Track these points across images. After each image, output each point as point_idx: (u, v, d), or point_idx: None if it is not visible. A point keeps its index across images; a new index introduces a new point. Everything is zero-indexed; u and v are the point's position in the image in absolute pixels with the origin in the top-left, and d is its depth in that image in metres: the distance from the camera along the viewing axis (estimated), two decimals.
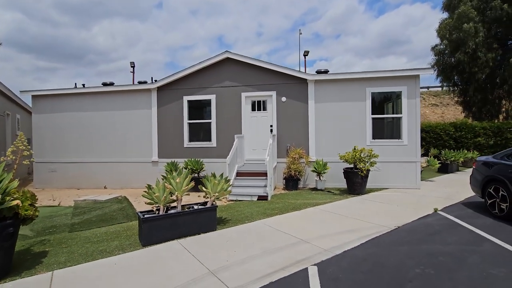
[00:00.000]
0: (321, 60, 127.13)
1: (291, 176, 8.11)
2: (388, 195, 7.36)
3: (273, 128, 8.89)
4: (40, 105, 10.31)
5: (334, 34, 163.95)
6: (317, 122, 8.64)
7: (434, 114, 31.91)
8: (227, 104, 9.19)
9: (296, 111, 8.78)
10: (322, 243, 4.04)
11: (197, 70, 9.29)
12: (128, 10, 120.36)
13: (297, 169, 8.07)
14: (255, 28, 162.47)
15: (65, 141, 10.16)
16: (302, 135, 8.74)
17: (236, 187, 7.38)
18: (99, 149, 9.95)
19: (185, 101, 9.41)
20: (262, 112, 9.11)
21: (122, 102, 9.81)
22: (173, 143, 9.50)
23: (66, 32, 78.59)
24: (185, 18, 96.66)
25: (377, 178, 8.24)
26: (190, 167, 8.54)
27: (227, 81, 9.19)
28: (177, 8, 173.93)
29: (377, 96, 8.43)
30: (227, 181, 5.11)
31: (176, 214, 4.43)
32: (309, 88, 8.66)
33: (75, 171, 10.08)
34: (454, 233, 4.40)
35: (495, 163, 5.33)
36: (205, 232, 4.64)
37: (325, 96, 8.61)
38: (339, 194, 7.53)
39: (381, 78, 8.29)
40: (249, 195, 7.04)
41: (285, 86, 8.85)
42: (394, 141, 8.26)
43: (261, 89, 8.97)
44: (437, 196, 7.04)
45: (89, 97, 10.00)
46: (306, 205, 6.31)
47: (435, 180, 9.69)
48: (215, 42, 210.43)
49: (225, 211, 6.02)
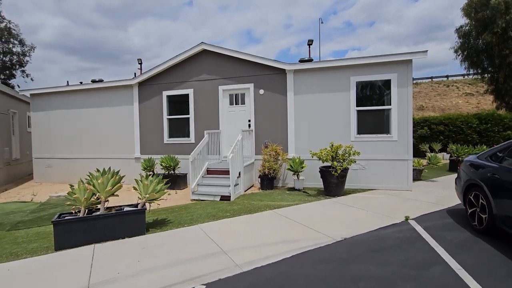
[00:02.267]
0: (354, 50, 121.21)
1: (265, 174, 7.55)
2: (368, 198, 6.52)
3: (251, 123, 8.35)
4: (37, 103, 10.74)
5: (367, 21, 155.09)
6: (297, 116, 7.93)
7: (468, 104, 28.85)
8: (204, 98, 8.81)
9: (274, 104, 8.14)
10: (239, 256, 3.54)
11: (175, 63, 8.99)
12: (161, 10, 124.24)
13: (271, 167, 7.48)
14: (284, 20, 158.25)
15: (58, 137, 10.50)
16: (280, 130, 8.10)
17: (202, 186, 7.02)
18: (87, 146, 10.15)
19: (165, 96, 9.19)
20: (240, 106, 8.59)
21: (107, 98, 9.85)
22: (154, 139, 9.37)
23: (105, 34, 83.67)
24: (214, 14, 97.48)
25: (363, 177, 7.38)
26: (165, 164, 8.33)
27: (205, 74, 8.78)
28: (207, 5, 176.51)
29: (363, 86, 7.48)
30: (159, 182, 4.75)
31: (95, 217, 4.17)
32: (288, 79, 7.95)
33: (68, 167, 10.40)
34: (407, 250, 3.63)
35: (477, 165, 4.35)
36: (132, 236, 4.34)
37: (305, 87, 7.85)
38: (314, 195, 6.85)
39: (367, 65, 7.33)
40: (213, 194, 6.63)
41: (263, 77, 8.23)
42: (382, 136, 7.31)
43: (239, 82, 8.44)
44: (425, 201, 6.08)
45: (77, 94, 10.19)
46: (266, 208, 5.77)
47: (437, 181, 8.50)
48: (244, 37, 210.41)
49: (175, 212, 5.70)
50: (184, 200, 6.83)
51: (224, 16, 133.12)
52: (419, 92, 30.65)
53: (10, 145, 11.49)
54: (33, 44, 30.30)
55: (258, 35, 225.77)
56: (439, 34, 72.07)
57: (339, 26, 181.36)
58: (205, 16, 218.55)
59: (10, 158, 11.42)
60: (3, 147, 10.84)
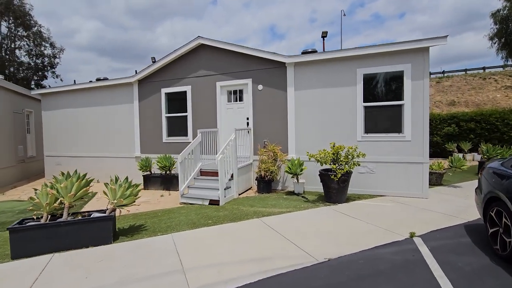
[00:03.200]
0: None
1: (262, 177, 6.98)
2: (374, 206, 5.73)
3: (250, 121, 7.80)
4: (46, 102, 10.98)
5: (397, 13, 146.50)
6: (298, 113, 7.26)
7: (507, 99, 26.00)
8: (202, 95, 8.39)
9: (274, 100, 7.52)
10: (197, 278, 3.04)
11: (173, 59, 8.66)
12: (186, 9, 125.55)
13: (268, 168, 6.90)
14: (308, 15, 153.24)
15: (65, 136, 10.66)
16: (280, 129, 7.47)
17: (193, 188, 6.62)
18: (92, 144, 10.18)
19: (163, 94, 8.91)
20: (238, 103, 8.07)
21: (109, 97, 9.78)
22: (153, 138, 9.14)
23: (134, 35, 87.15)
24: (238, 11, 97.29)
25: (371, 182, 6.58)
26: (160, 164, 8.05)
27: (202, 70, 8.35)
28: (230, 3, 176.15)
29: (372, 79, 6.63)
30: (130, 187, 4.37)
31: (56, 224, 3.87)
32: (288, 73, 7.29)
33: (74, 165, 10.50)
34: (401, 279, 2.92)
35: (502, 174, 3.47)
36: (97, 245, 4.01)
37: (307, 81, 7.14)
38: (312, 201, 6.18)
39: (376, 55, 6.47)
40: (202, 198, 6.20)
41: (261, 72, 7.63)
42: (394, 135, 6.43)
43: (237, 77, 7.91)
44: (441, 211, 5.20)
45: (82, 93, 10.24)
46: (254, 215, 5.22)
47: (461, 186, 7.43)
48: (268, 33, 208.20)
49: (156, 218, 5.33)
50: (173, 203, 6.47)
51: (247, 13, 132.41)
52: (451, 86, 28.22)
53: (24, 143, 11.92)
54: (62, 46, 31.85)
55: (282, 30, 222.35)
56: (478, 23, 66.17)
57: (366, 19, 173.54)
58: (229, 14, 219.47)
59: (25, 156, 11.84)
60: (17, 145, 11.23)
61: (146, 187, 8.29)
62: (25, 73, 31.90)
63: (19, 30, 30.24)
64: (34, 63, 31.84)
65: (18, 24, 29.68)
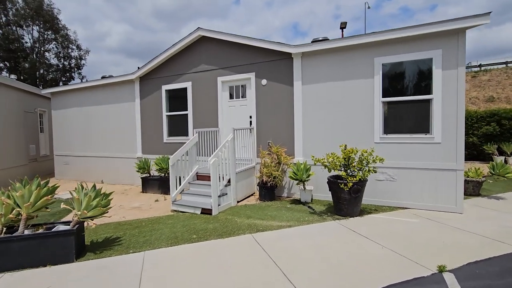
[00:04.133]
0: None
1: (264, 183, 6.20)
2: (394, 221, 4.75)
3: (253, 120, 7.04)
4: (56, 101, 10.93)
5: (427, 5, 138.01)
6: (305, 110, 6.38)
7: None
8: (203, 92, 7.75)
9: (279, 96, 6.70)
10: None
11: (174, 54, 8.10)
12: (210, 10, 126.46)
13: (270, 173, 6.10)
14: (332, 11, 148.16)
15: (73, 135, 10.54)
16: (286, 129, 6.64)
17: (186, 195, 5.99)
18: (96, 144, 9.95)
19: (164, 91, 8.39)
20: (240, 100, 7.33)
21: (112, 95, 9.46)
22: (154, 138, 8.67)
23: (161, 37, 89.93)
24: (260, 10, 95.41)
25: (391, 191, 5.58)
26: (158, 166, 7.53)
27: (203, 65, 7.71)
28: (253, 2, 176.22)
29: (392, 70, 5.59)
30: (97, 196, 3.78)
31: (7, 238, 3.37)
32: (295, 65, 6.42)
33: (81, 165, 10.38)
34: None
35: None
36: (57, 263, 3.48)
37: (316, 74, 6.24)
38: (319, 213, 5.31)
39: (398, 41, 5.43)
40: (194, 206, 5.54)
41: (265, 65, 6.83)
42: (420, 136, 5.37)
43: (239, 71, 7.17)
44: (480, 233, 4.12)
45: (87, 91, 10.02)
46: (247, 230, 4.48)
47: (505, 198, 6.16)
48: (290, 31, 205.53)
49: (138, 228, 4.74)
50: (164, 211, 5.88)
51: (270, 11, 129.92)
52: (489, 80, 25.56)
53: (37, 142, 12.03)
54: (87, 48, 32.96)
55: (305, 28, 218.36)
56: None
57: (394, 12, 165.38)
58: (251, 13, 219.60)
59: (37, 155, 11.96)
60: (28, 144, 11.33)
61: (144, 190, 7.82)
62: (54, 75, 33.35)
63: (48, 33, 31.60)
64: (62, 64, 33.21)
65: (47, 28, 31.01)
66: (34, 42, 30.48)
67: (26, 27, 29.53)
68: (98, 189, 3.88)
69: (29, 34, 30.35)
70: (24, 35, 30.00)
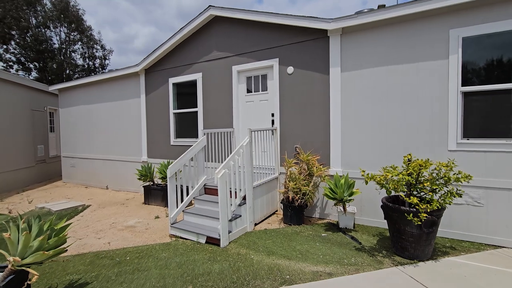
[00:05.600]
0: None
1: (289, 200, 4.74)
2: (486, 271, 3.10)
3: (275, 118, 5.59)
4: (64, 98, 10.17)
5: None
6: (346, 106, 4.83)
7: None
8: (215, 84, 6.42)
9: (309, 88, 5.19)
10: None
11: (182, 41, 6.85)
12: None
13: (299, 188, 4.63)
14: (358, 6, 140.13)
15: (79, 135, 9.70)
16: (318, 130, 5.12)
17: (189, 215, 4.67)
18: (101, 145, 9.00)
19: (171, 85, 7.17)
20: (260, 94, 5.90)
21: (117, 90, 8.43)
22: (161, 139, 7.49)
23: None
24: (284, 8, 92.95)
25: (476, 220, 3.91)
26: (161, 174, 6.32)
27: (215, 51, 6.37)
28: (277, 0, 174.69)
29: (478, 46, 3.89)
30: (41, 232, 2.52)
31: None
32: (332, 46, 4.88)
33: (87, 167, 9.52)
34: None
35: None
36: None
37: (361, 57, 4.66)
38: (370, 249, 3.76)
39: (486, 3, 3.73)
40: (197, 233, 4.20)
41: (292, 48, 5.34)
42: None
43: (259, 58, 5.75)
44: None
45: (94, 87, 9.09)
46: (267, 279, 3.06)
47: None
48: None
49: (115, 268, 3.46)
50: (162, 234, 4.61)
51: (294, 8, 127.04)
52: None
53: (46, 143, 11.40)
54: (111, 48, 33.27)
55: None
56: None
57: None
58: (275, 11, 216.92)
59: (46, 156, 11.32)
60: (36, 145, 10.68)
61: (147, 201, 6.65)
62: (80, 75, 33.93)
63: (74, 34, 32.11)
64: (87, 64, 33.71)
65: (72, 29, 31.48)
66: (61, 43, 31.05)
67: (54, 28, 30.09)
68: (42, 222, 2.61)
69: (57, 36, 30.92)
70: (52, 36, 30.59)
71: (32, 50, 27.91)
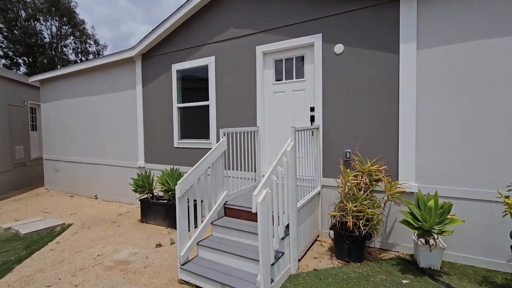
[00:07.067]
0: None
1: (348, 229, 3.38)
2: None
3: (316, 114, 4.23)
4: (46, 92, 8.68)
5: None
6: (424, 96, 3.48)
7: None
8: (233, 70, 5.03)
9: (367, 72, 3.83)
10: None
11: (188, 17, 5.46)
12: None
13: (362, 211, 3.28)
14: None
15: (64, 134, 8.24)
16: (379, 129, 3.78)
17: (206, 250, 3.28)
18: (90, 147, 7.55)
19: (174, 73, 5.77)
20: (294, 81, 4.53)
21: (109, 80, 6.99)
22: (162, 141, 6.09)
23: None
24: None
25: None
26: (163, 186, 4.92)
27: (232, 28, 4.98)
28: None
29: None
30: None
31: None
32: (403, 14, 3.53)
33: (73, 173, 8.07)
34: None
35: None
36: None
37: (450, 28, 3.32)
38: None
39: None
40: (222, 283, 2.82)
41: (342, 20, 3.98)
42: None
43: (292, 34, 4.37)
44: None
45: (80, 77, 7.64)
46: None
47: None
48: None
49: None
50: (167, 279, 3.22)
51: None
52: None
53: (26, 143, 9.89)
54: (105, 43, 31.74)
55: None
56: None
57: None
58: None
59: (26, 158, 9.82)
60: (14, 145, 9.18)
61: (144, 219, 5.24)
62: None
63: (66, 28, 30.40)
64: (80, 60, 32.00)
65: (64, 22, 29.77)
66: (52, 37, 29.31)
67: (44, 21, 28.35)
68: None
69: (47, 29, 29.17)
70: (42, 30, 28.82)
71: (21, 44, 26.24)
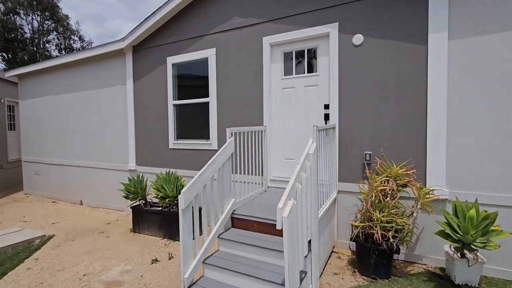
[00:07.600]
0: None
1: (373, 240, 2.99)
2: None
3: (332, 112, 3.82)
4: (25, 88, 7.94)
5: None
6: (456, 92, 3.14)
7: None
8: (236, 63, 4.57)
9: (389, 65, 3.46)
10: None
11: (185, 5, 4.96)
12: None
13: (391, 222, 2.89)
14: None
15: (45, 134, 7.54)
16: (403, 129, 3.41)
17: (213, 269, 2.81)
18: (75, 148, 6.90)
19: (169, 66, 5.25)
20: (306, 76, 4.11)
21: (96, 75, 6.38)
22: (155, 141, 5.55)
23: None
24: None
25: None
26: (159, 192, 4.40)
27: (236, 17, 4.52)
28: None
29: None
30: None
31: None
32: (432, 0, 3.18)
33: (55, 176, 7.38)
34: None
35: None
36: None
37: (486, 16, 2.99)
38: None
39: None
40: None
41: (361, 7, 3.59)
42: None
43: (304, 24, 3.96)
44: None
45: (63, 72, 6.97)
46: None
47: None
48: None
49: None
50: None
51: None
52: None
53: (3, 144, 9.09)
54: (90, 39, 30.63)
55: None
56: None
57: None
58: None
59: (3, 160, 9.02)
60: None
61: (137, 228, 4.70)
62: None
63: (48, 23, 29.06)
64: None
65: (46, 17, 28.42)
66: (33, 32, 27.91)
67: (25, 15, 26.94)
68: None
69: (28, 24, 27.75)
70: (23, 24, 27.39)
71: None
